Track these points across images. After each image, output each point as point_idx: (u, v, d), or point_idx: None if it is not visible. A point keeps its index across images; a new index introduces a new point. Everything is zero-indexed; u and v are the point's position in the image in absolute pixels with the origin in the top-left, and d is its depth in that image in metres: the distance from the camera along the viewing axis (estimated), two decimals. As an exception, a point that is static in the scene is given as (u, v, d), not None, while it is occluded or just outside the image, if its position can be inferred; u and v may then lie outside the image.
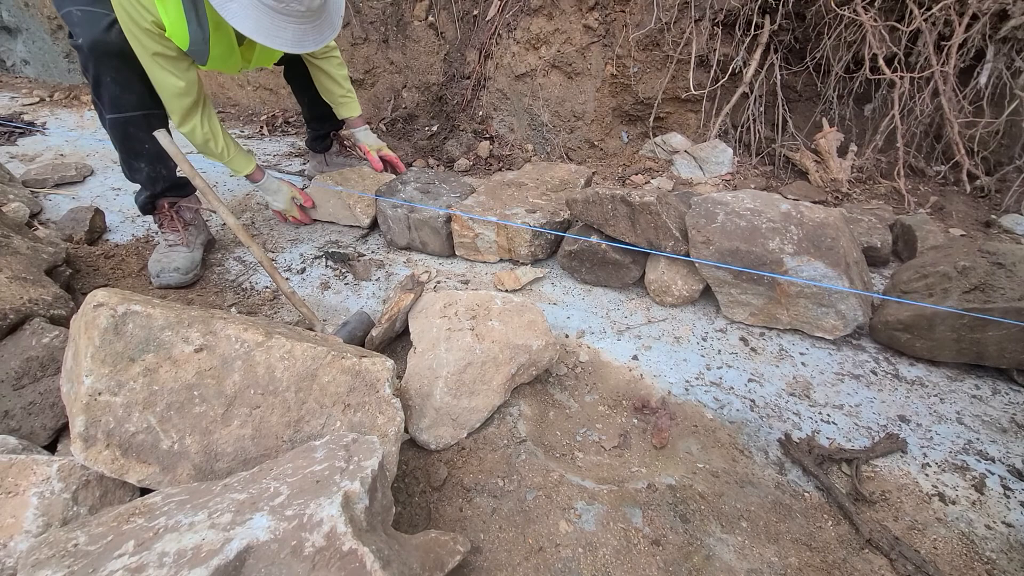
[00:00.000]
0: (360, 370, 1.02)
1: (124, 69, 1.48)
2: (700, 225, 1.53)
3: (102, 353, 0.91)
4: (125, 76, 1.50)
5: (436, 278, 1.82)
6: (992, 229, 2.06)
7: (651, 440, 1.26)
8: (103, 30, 1.42)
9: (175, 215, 1.82)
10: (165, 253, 1.77)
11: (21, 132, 3.01)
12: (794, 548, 1.04)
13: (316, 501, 0.70)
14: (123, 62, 1.47)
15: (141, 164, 1.70)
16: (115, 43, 1.43)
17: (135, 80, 1.51)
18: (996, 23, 2.02)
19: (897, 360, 1.49)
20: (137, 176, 1.73)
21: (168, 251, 1.77)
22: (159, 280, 1.73)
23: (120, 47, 1.44)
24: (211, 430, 0.93)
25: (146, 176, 1.73)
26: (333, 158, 2.44)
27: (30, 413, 1.08)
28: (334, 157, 2.43)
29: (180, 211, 1.84)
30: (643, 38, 2.41)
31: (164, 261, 1.74)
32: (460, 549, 0.92)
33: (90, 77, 1.51)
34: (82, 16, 1.42)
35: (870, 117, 2.36)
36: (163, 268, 1.73)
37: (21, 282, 1.32)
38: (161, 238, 1.81)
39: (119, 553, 0.67)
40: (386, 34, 2.96)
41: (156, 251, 1.80)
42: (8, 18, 4.37)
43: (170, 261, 1.74)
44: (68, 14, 1.43)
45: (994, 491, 1.15)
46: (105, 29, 1.42)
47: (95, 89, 1.53)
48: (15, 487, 0.84)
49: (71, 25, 1.45)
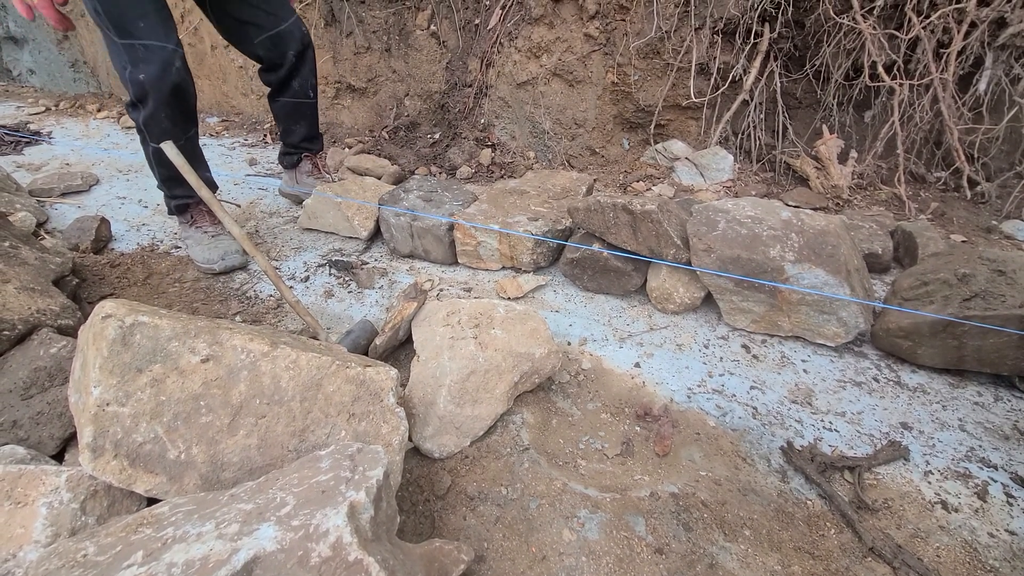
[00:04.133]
0: (364, 379, 1.03)
1: (176, 105, 1.66)
2: (701, 233, 1.54)
3: (110, 364, 0.92)
4: (177, 111, 1.68)
5: (439, 286, 1.84)
6: (993, 235, 2.07)
7: (654, 448, 1.27)
8: (163, 68, 1.57)
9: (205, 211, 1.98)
10: (216, 242, 1.92)
11: (27, 142, 3.04)
12: (797, 556, 1.04)
13: (322, 511, 0.71)
14: (176, 99, 1.64)
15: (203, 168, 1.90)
16: (174, 81, 1.60)
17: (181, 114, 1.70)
18: (994, 31, 2.04)
19: (899, 367, 1.49)
20: (176, 190, 1.89)
21: (215, 240, 1.93)
22: (224, 263, 1.89)
23: (179, 84, 1.61)
24: (217, 440, 0.94)
25: (184, 189, 1.86)
26: (303, 177, 2.35)
27: (38, 423, 1.09)
28: (304, 176, 2.35)
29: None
30: (643, 46, 2.43)
31: (223, 247, 1.91)
32: (464, 558, 0.93)
33: (145, 108, 1.64)
34: (146, 52, 1.55)
35: (870, 124, 2.37)
36: (225, 252, 1.90)
37: (29, 292, 1.34)
38: (197, 232, 1.95)
39: (128, 563, 0.67)
40: (388, 43, 2.99)
41: (199, 244, 1.93)
42: (15, 28, 4.42)
43: (228, 245, 1.91)
44: (130, 46, 1.54)
45: (997, 499, 1.15)
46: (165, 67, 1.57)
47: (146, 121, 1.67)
48: (24, 497, 0.85)
49: (133, 60, 1.56)
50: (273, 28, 1.89)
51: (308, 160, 2.36)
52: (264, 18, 1.87)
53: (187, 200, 1.92)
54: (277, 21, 1.88)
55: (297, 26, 1.93)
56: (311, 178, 2.34)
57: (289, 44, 1.93)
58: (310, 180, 2.33)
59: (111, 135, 3.33)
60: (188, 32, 3.49)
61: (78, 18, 4.01)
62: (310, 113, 2.20)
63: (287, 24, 1.90)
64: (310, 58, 2.02)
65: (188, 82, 1.67)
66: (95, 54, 4.07)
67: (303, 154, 2.34)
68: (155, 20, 1.55)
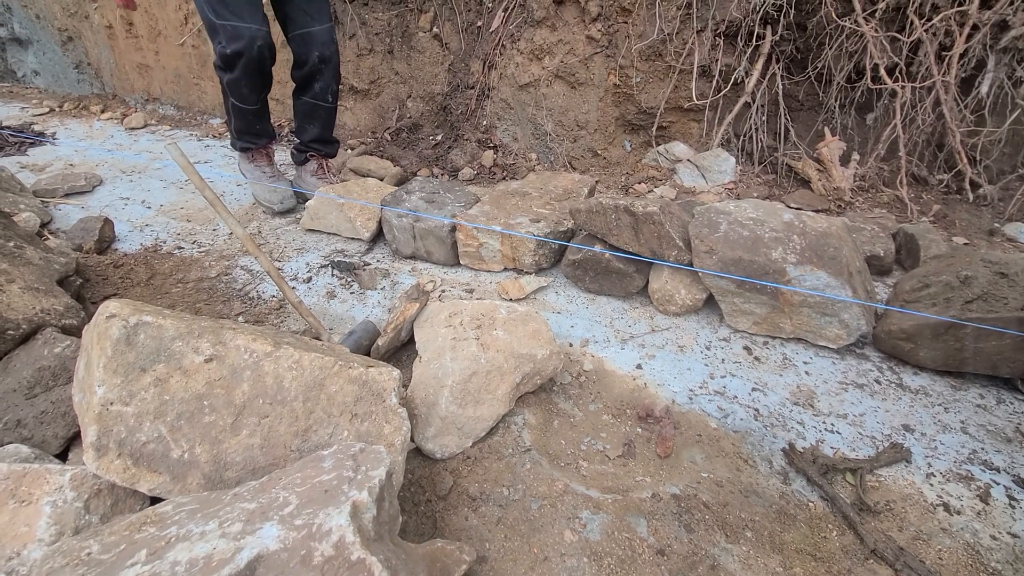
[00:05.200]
0: (367, 380, 1.03)
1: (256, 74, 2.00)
2: (703, 235, 1.54)
3: (114, 363, 0.92)
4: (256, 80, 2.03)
5: (441, 287, 1.84)
6: (995, 238, 2.06)
7: (655, 449, 1.27)
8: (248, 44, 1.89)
9: (269, 153, 2.36)
10: (273, 186, 2.28)
11: (31, 142, 3.06)
12: (799, 558, 1.04)
13: (325, 510, 0.71)
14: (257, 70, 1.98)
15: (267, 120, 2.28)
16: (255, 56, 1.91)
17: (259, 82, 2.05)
18: (997, 33, 2.04)
19: (901, 369, 1.49)
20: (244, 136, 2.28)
21: (273, 187, 2.28)
22: (283, 206, 2.27)
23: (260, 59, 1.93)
24: (220, 439, 0.94)
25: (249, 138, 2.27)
26: (307, 176, 2.45)
27: (42, 422, 1.10)
28: (307, 175, 2.45)
29: (271, 151, 2.39)
30: (645, 49, 2.43)
31: (280, 192, 2.27)
32: (466, 558, 0.93)
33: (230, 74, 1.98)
34: (235, 31, 1.87)
35: (872, 126, 2.37)
36: (284, 197, 2.27)
37: (34, 292, 1.34)
38: (256, 170, 2.33)
39: (132, 562, 0.68)
40: (391, 45, 3.00)
41: (259, 183, 2.31)
42: (19, 30, 4.44)
43: (284, 190, 2.27)
44: (224, 26, 1.87)
45: (999, 501, 1.15)
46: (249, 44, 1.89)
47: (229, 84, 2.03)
48: (29, 496, 0.85)
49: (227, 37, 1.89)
50: (305, 27, 2.08)
51: (315, 160, 2.44)
52: (301, 16, 2.08)
53: (250, 146, 2.31)
54: (311, 22, 2.08)
55: (328, 32, 2.12)
56: (314, 178, 2.41)
57: (315, 46, 2.10)
58: (313, 180, 2.41)
59: (115, 136, 3.34)
60: (192, 34, 3.50)
61: (81, 19, 4.03)
62: (325, 116, 2.32)
63: (319, 27, 2.09)
64: (334, 65, 2.18)
65: (267, 58, 1.96)
66: (99, 56, 4.09)
67: (310, 154, 2.43)
68: (245, 5, 1.86)
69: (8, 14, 4.44)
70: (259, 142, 2.31)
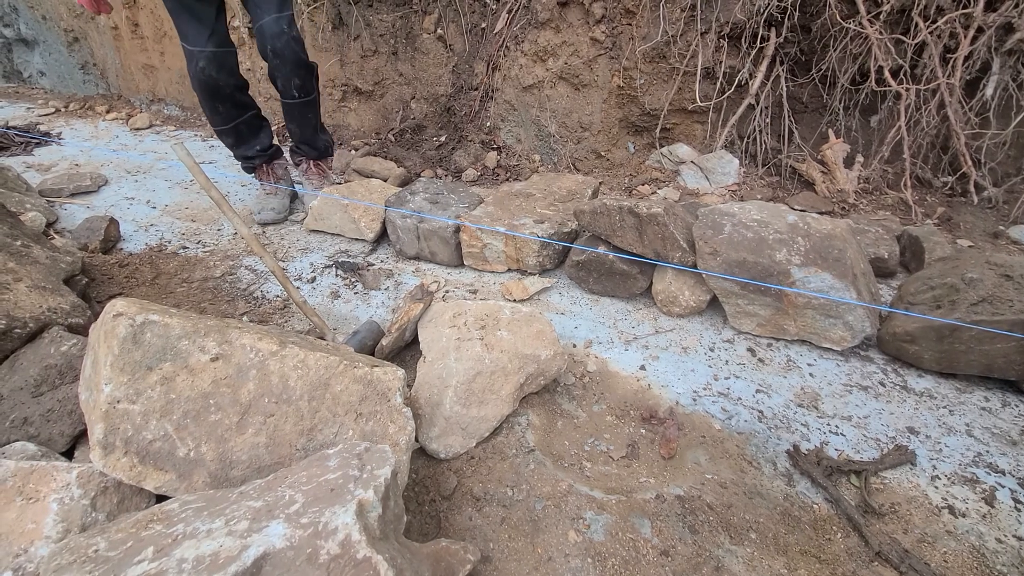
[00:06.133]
0: (372, 379, 1.03)
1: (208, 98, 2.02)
2: (707, 236, 1.54)
3: (121, 362, 0.93)
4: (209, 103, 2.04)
5: (445, 288, 1.84)
6: (1000, 240, 2.06)
7: (659, 450, 1.27)
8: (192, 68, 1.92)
9: (271, 171, 2.36)
10: (264, 198, 2.28)
11: (37, 142, 3.07)
12: (803, 560, 1.04)
13: (331, 509, 0.71)
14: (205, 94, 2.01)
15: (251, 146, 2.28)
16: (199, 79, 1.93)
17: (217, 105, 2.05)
18: (1002, 36, 2.03)
19: (905, 371, 1.49)
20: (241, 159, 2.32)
21: (265, 197, 2.28)
22: (260, 217, 2.23)
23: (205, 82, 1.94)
24: (226, 438, 0.94)
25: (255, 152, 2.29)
26: (302, 178, 2.45)
27: (48, 420, 1.10)
28: (300, 177, 2.45)
29: (274, 168, 2.37)
30: (649, 50, 2.44)
31: (263, 203, 2.26)
32: (470, 558, 0.93)
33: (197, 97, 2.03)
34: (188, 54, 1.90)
35: (876, 128, 2.37)
36: (263, 208, 2.24)
37: (40, 291, 1.35)
38: (260, 189, 2.35)
39: (139, 559, 0.68)
40: (395, 46, 3.01)
41: (255, 198, 2.35)
42: (26, 31, 4.47)
43: (267, 203, 2.26)
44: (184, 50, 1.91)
45: (1005, 504, 1.15)
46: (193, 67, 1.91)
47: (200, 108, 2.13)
48: (36, 493, 0.86)
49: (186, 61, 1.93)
50: (258, 20, 1.93)
51: (305, 162, 2.40)
52: (253, 8, 1.94)
53: (248, 165, 2.34)
54: (261, 13, 1.91)
55: (277, 23, 1.91)
56: (307, 180, 2.40)
57: (267, 39, 1.92)
58: (305, 182, 2.40)
59: (120, 136, 3.36)
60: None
61: (87, 20, 4.05)
62: (299, 114, 2.19)
63: (268, 18, 1.90)
64: (291, 59, 1.97)
65: (213, 76, 1.90)
66: (104, 56, 4.11)
67: (299, 156, 2.41)
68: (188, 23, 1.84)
69: (15, 15, 4.46)
70: (252, 163, 2.31)
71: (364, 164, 2.70)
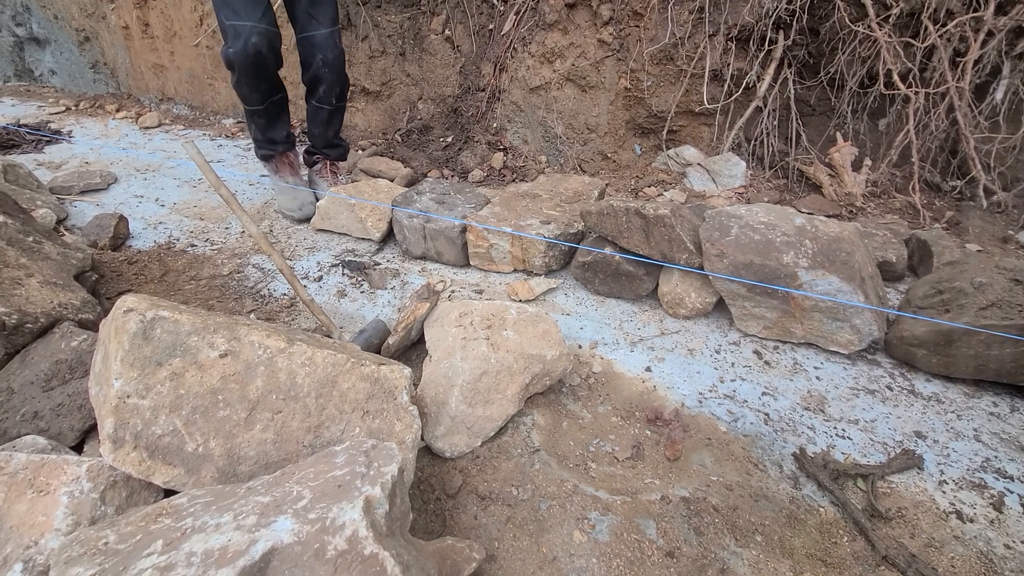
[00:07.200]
0: (379, 377, 1.04)
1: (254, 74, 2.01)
2: (714, 238, 1.54)
3: (131, 357, 0.94)
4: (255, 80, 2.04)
5: (451, 288, 1.85)
6: (1009, 245, 2.05)
7: (664, 452, 1.27)
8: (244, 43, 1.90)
9: (290, 161, 2.36)
10: (294, 192, 2.28)
11: (48, 140, 3.10)
12: (809, 563, 1.03)
13: (338, 505, 0.72)
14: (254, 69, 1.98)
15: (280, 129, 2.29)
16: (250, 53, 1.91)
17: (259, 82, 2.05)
18: (1012, 39, 2.02)
19: (913, 376, 1.48)
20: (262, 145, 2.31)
21: (295, 191, 2.28)
22: (302, 212, 2.26)
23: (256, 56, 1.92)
24: (234, 434, 0.95)
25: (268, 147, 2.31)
26: (315, 178, 2.48)
27: (58, 415, 1.11)
28: (316, 176, 2.48)
29: (292, 158, 2.39)
30: (657, 52, 2.44)
31: (300, 198, 2.27)
32: (476, 556, 0.93)
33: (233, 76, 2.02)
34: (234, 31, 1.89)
35: (884, 132, 2.36)
36: (303, 203, 2.26)
37: (51, 287, 1.36)
38: (279, 179, 2.33)
39: (148, 552, 0.69)
40: (403, 47, 3.02)
41: (282, 192, 2.30)
42: (38, 30, 4.51)
43: (305, 196, 2.28)
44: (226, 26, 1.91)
45: (1013, 510, 1.14)
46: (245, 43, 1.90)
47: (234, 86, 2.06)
48: (46, 486, 0.87)
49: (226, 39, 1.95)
50: (309, 31, 2.10)
51: (321, 162, 2.47)
52: (306, 20, 2.09)
53: (269, 153, 2.33)
54: (316, 26, 2.09)
55: (331, 37, 2.12)
56: (322, 179, 2.45)
57: (318, 50, 2.12)
58: (320, 181, 2.44)
59: (129, 135, 3.38)
60: (207, 35, 3.54)
61: (98, 20, 4.09)
62: (328, 119, 2.34)
63: (323, 31, 2.10)
64: (337, 69, 2.17)
65: (264, 54, 1.93)
66: (115, 55, 4.14)
67: (317, 156, 2.47)
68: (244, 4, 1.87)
69: (27, 14, 4.51)
70: (275, 149, 2.33)
71: (371, 164, 2.71)
